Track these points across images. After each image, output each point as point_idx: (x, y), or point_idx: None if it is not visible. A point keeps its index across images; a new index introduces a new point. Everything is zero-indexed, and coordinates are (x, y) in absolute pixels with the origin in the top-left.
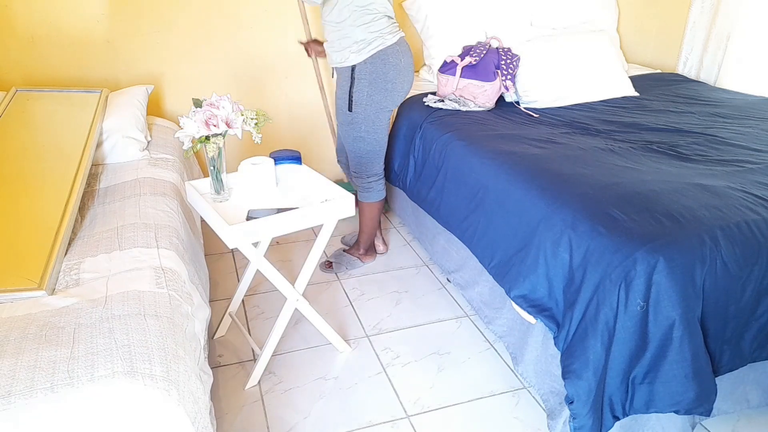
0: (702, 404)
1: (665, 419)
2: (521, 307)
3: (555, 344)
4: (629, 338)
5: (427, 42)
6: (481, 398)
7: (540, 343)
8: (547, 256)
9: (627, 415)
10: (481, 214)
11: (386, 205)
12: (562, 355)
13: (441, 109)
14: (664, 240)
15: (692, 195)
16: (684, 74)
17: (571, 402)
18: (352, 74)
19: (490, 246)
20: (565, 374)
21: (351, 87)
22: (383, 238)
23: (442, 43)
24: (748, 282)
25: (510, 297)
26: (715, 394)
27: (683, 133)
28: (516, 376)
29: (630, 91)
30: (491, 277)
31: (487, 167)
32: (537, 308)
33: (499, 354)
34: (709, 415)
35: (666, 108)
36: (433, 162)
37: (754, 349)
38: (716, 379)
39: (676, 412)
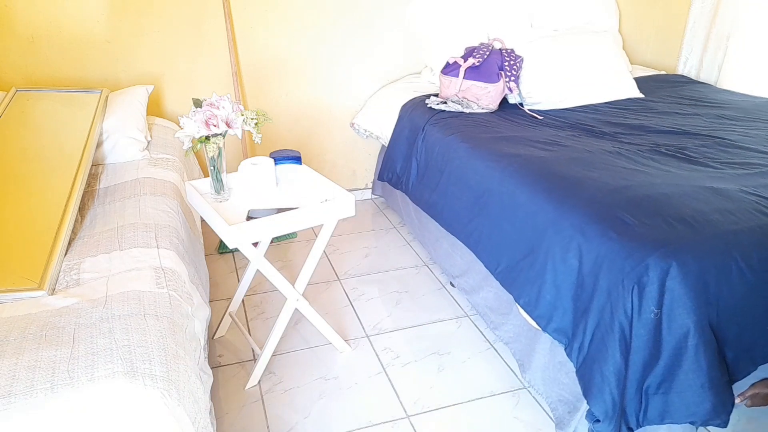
0: (719, 415)
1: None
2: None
3: (567, 355)
4: (642, 346)
5: (428, 44)
6: (481, 398)
7: (548, 350)
8: (556, 262)
9: (641, 426)
10: (486, 218)
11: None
12: (579, 369)
13: (444, 111)
14: (676, 245)
15: (704, 198)
16: (684, 75)
17: (597, 420)
18: None
19: (496, 251)
20: (588, 391)
21: None
22: None
23: (443, 44)
24: (765, 288)
25: (519, 304)
26: (732, 405)
27: (691, 136)
28: (516, 376)
29: (635, 92)
30: (497, 282)
31: (491, 170)
32: None
33: (499, 354)
34: (726, 426)
35: (672, 110)
36: (436, 164)
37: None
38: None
39: (692, 423)
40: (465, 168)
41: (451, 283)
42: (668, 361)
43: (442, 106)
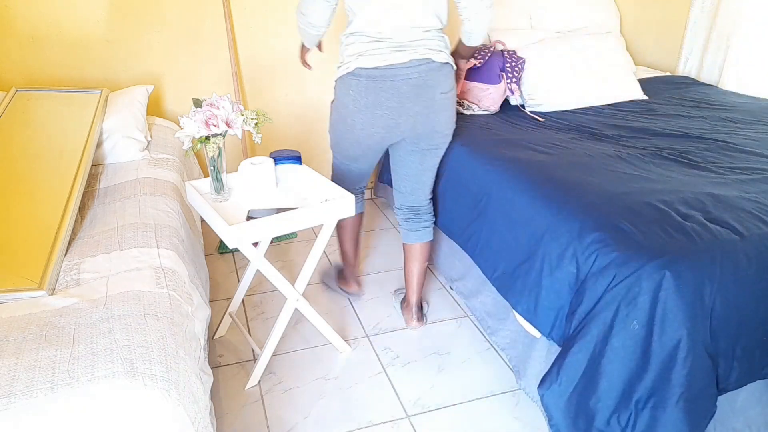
0: (699, 428)
1: None
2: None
3: None
4: (629, 357)
5: None
6: (481, 398)
7: (544, 357)
8: (553, 269)
9: None
10: (484, 223)
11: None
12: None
13: None
14: (672, 255)
15: (703, 206)
16: (685, 75)
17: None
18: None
19: (494, 256)
20: (541, 382)
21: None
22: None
23: None
24: (763, 298)
25: (517, 311)
26: (711, 417)
27: (694, 139)
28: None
29: (639, 94)
30: (494, 287)
31: (491, 174)
32: None
33: (499, 354)
34: None
35: (676, 112)
36: None
37: (764, 366)
38: (729, 395)
39: None
40: (464, 171)
41: (450, 286)
42: (657, 374)
43: None
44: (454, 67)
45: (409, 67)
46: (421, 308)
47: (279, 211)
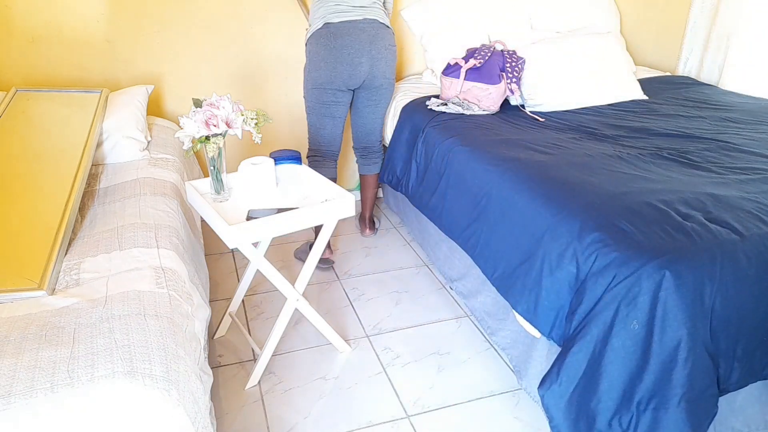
0: (701, 428)
1: None
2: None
3: None
4: (629, 357)
5: (428, 47)
6: (481, 398)
7: (544, 357)
8: (553, 269)
9: None
10: (484, 223)
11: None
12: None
13: (444, 112)
14: (672, 255)
15: (703, 206)
16: (685, 75)
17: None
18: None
19: (493, 256)
20: (541, 382)
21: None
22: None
23: (444, 46)
24: (763, 298)
25: (517, 311)
26: (714, 417)
27: (694, 139)
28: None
29: (639, 94)
30: (494, 287)
31: (491, 174)
32: None
33: (499, 354)
34: None
35: (676, 112)
36: (436, 167)
37: (765, 366)
38: (728, 395)
39: None
40: (464, 171)
41: (449, 286)
42: (658, 375)
43: (443, 108)
44: (394, 32)
45: (364, 23)
46: (373, 221)
47: (279, 211)
